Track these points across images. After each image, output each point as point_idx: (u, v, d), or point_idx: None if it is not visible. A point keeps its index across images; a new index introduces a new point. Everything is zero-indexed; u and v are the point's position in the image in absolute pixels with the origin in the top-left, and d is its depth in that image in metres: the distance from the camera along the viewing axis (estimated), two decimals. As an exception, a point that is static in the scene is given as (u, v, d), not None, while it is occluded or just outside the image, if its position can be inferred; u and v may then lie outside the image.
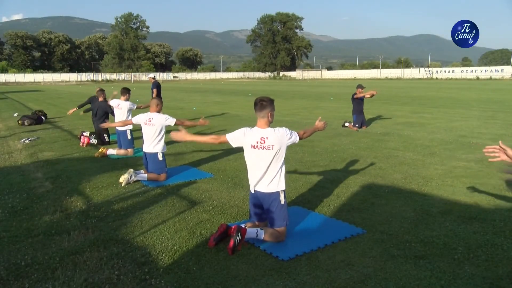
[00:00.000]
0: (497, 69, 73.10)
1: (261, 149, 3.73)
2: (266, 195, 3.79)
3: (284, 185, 3.83)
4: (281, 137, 3.73)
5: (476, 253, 3.54)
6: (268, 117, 3.76)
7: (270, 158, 3.72)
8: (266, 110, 3.74)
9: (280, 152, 3.74)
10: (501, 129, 10.99)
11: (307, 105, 20.07)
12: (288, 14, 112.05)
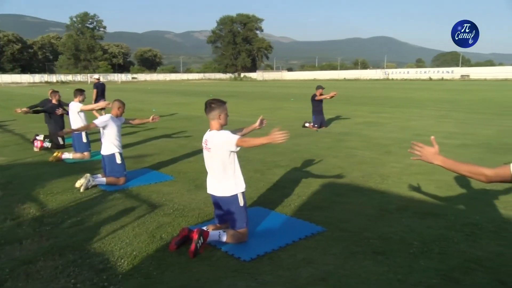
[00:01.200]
0: (448, 70, 76.50)
1: (205, 150, 3.80)
2: (223, 199, 3.79)
3: (241, 187, 3.82)
4: (220, 140, 3.67)
5: (430, 247, 3.68)
6: (218, 119, 3.75)
7: (214, 160, 3.74)
8: (215, 112, 3.73)
9: (222, 155, 3.68)
10: (453, 127, 11.51)
11: (269, 105, 20.20)
12: (248, 16, 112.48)
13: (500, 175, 2.06)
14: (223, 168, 3.74)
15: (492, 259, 3.43)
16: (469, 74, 72.37)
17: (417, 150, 2.41)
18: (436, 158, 2.34)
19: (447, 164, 2.29)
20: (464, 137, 9.69)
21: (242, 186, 3.82)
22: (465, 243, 3.76)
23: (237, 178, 3.80)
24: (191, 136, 10.35)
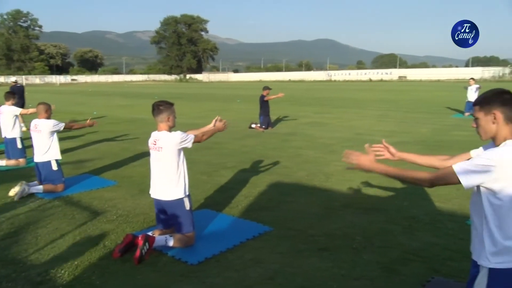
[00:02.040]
0: (387, 72, 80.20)
1: (154, 150, 3.72)
2: (169, 203, 3.72)
3: (187, 190, 3.78)
4: (172, 140, 3.63)
5: (372, 241, 3.83)
6: (166, 121, 3.69)
7: (160, 160, 3.68)
8: (164, 114, 3.67)
9: (171, 155, 3.65)
10: (392, 126, 12.09)
11: (216, 107, 20.13)
12: (192, 16, 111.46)
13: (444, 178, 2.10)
14: (172, 169, 3.67)
15: (428, 249, 3.64)
16: (406, 75, 76.36)
17: (353, 159, 2.33)
18: (374, 166, 2.30)
19: (386, 171, 2.25)
20: (402, 135, 10.21)
21: (188, 189, 3.78)
22: (403, 235, 3.96)
23: (184, 180, 3.76)
24: (135, 139, 10.08)
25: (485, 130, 2.14)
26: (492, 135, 2.14)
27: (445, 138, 9.67)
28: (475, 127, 2.21)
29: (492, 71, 66.83)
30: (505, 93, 2.11)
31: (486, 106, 2.12)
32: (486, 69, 69.43)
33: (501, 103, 2.09)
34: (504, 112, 2.08)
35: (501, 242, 2.08)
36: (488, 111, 2.11)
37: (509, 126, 2.10)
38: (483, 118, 2.14)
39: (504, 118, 2.09)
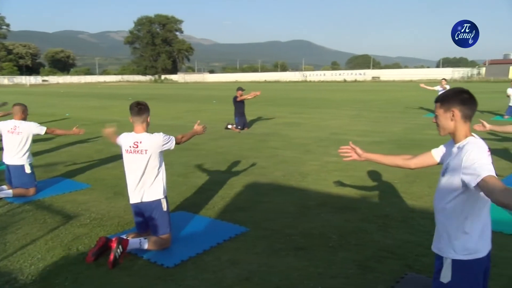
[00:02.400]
0: (361, 73, 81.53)
1: (134, 153, 3.63)
2: (147, 204, 3.67)
3: (165, 191, 3.74)
4: (155, 142, 3.63)
5: (347, 239, 3.88)
6: (147, 122, 3.67)
7: (144, 164, 3.62)
8: (145, 114, 3.64)
9: (155, 157, 3.64)
10: (366, 126, 12.28)
11: (191, 108, 20.00)
12: (167, 17, 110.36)
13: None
14: (154, 172, 3.64)
15: (401, 246, 3.72)
16: (380, 76, 77.80)
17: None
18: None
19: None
20: (376, 135, 10.39)
21: (165, 191, 3.75)
22: (378, 233, 4.03)
23: (163, 182, 3.72)
24: (108, 141, 9.86)
25: (444, 127, 2.25)
26: (450, 132, 2.24)
27: (417, 137, 9.90)
28: (435, 123, 2.31)
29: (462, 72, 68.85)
30: (465, 93, 2.20)
31: (446, 104, 2.22)
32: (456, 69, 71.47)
33: (460, 101, 2.18)
34: (462, 110, 2.18)
35: (463, 235, 2.17)
36: (448, 108, 2.21)
37: (467, 124, 2.20)
38: (442, 115, 2.24)
39: (462, 116, 2.18)
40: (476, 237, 2.18)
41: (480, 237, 2.20)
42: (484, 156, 2.06)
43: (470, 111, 2.19)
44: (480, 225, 2.19)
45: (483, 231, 2.21)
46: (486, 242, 2.24)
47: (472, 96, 2.21)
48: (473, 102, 2.20)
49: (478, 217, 2.17)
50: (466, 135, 2.20)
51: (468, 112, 2.19)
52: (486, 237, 2.24)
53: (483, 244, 2.21)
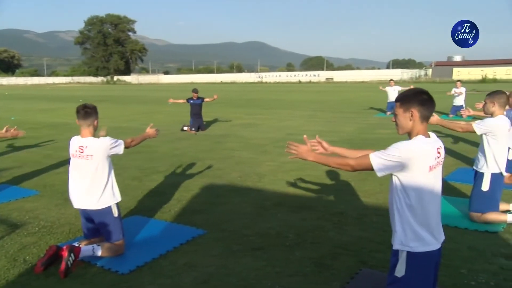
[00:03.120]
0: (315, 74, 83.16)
1: (79, 158, 3.51)
2: (97, 212, 3.53)
3: (115, 197, 3.62)
4: (101, 147, 3.49)
5: (304, 238, 3.94)
6: (93, 125, 3.53)
7: (89, 169, 3.48)
8: (91, 118, 3.51)
9: (101, 162, 3.50)
10: (321, 126, 12.54)
11: (146, 110, 19.58)
12: (119, 16, 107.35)
13: (362, 164, 2.34)
14: (101, 178, 3.50)
15: (355, 242, 3.82)
16: (333, 77, 79.69)
17: (293, 149, 2.60)
18: (310, 154, 2.57)
19: (318, 159, 2.55)
20: (330, 135, 10.62)
21: (117, 196, 3.62)
22: (333, 231, 4.12)
23: (113, 188, 3.60)
24: (58, 145, 9.49)
25: (402, 126, 2.35)
26: (408, 131, 2.34)
27: (369, 136, 10.23)
28: (394, 122, 2.40)
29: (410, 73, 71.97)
30: (424, 94, 2.31)
31: (406, 104, 2.31)
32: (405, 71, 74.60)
33: (419, 102, 2.28)
34: (420, 111, 2.28)
35: (414, 227, 2.28)
36: (407, 108, 2.30)
37: (424, 124, 2.31)
38: (401, 115, 2.33)
39: (420, 117, 2.28)
40: (424, 231, 2.28)
41: (430, 231, 2.31)
42: (393, 150, 2.23)
43: (428, 112, 2.30)
44: (427, 218, 2.30)
45: (431, 224, 2.32)
46: (436, 235, 2.35)
47: (430, 97, 2.31)
48: (431, 103, 2.31)
49: (423, 210, 2.28)
50: (418, 133, 2.30)
51: (426, 113, 2.29)
52: (436, 230, 2.35)
53: (433, 237, 2.32)
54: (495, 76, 57.11)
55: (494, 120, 4.11)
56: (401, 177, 2.26)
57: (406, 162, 2.20)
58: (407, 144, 2.26)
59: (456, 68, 66.69)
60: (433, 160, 2.26)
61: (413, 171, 2.22)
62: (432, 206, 2.31)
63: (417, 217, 2.28)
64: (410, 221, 2.28)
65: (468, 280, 3.09)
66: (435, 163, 2.27)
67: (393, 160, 2.22)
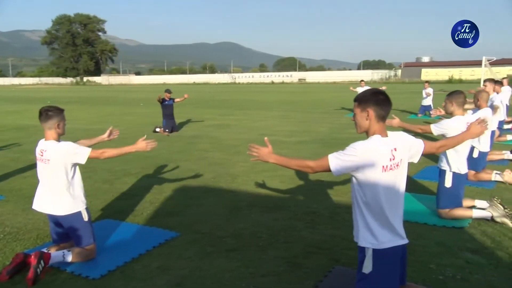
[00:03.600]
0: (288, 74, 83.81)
1: (40, 162, 3.42)
2: (64, 217, 3.44)
3: (84, 202, 3.53)
4: (60, 152, 3.36)
5: (277, 238, 3.97)
6: (56, 128, 3.42)
7: (49, 174, 3.38)
8: (53, 120, 3.39)
9: (60, 167, 3.36)
10: (293, 126, 12.64)
11: (117, 111, 19.23)
12: (88, 16, 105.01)
13: (321, 165, 2.40)
14: (63, 183, 3.40)
15: (328, 241, 3.87)
16: (305, 77, 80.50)
17: (254, 151, 2.62)
18: (271, 156, 2.59)
19: (279, 161, 2.58)
20: (303, 135, 10.74)
21: (83, 202, 3.52)
22: (306, 230, 4.16)
23: (79, 192, 3.50)
24: (25, 148, 9.20)
25: (360, 125, 2.42)
26: (365, 130, 2.42)
27: (340, 136, 10.38)
28: (353, 121, 2.47)
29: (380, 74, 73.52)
30: (380, 94, 2.38)
31: (363, 104, 2.38)
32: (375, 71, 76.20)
33: (375, 102, 2.35)
34: (376, 111, 2.35)
35: (374, 225, 2.35)
36: (364, 108, 2.37)
37: (380, 124, 2.38)
38: (359, 114, 2.41)
39: (376, 116, 2.35)
40: (385, 228, 2.36)
41: (390, 227, 2.38)
42: (349, 149, 2.30)
43: (384, 112, 2.36)
44: (387, 216, 2.37)
45: (391, 221, 2.38)
46: (399, 231, 2.42)
47: (387, 97, 2.38)
48: (387, 103, 2.37)
49: (381, 209, 2.35)
50: (374, 133, 2.37)
51: (382, 113, 2.35)
52: (398, 227, 2.42)
53: (395, 234, 2.39)
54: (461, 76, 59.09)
55: (450, 122, 4.27)
56: (357, 176, 2.34)
57: (361, 161, 2.28)
58: (362, 143, 2.33)
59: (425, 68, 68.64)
60: (387, 160, 2.31)
61: (366, 170, 2.30)
62: (390, 205, 2.37)
63: (376, 215, 2.35)
64: (369, 218, 2.36)
65: (436, 275, 3.18)
66: (389, 164, 2.32)
67: (349, 159, 2.29)
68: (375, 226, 2.35)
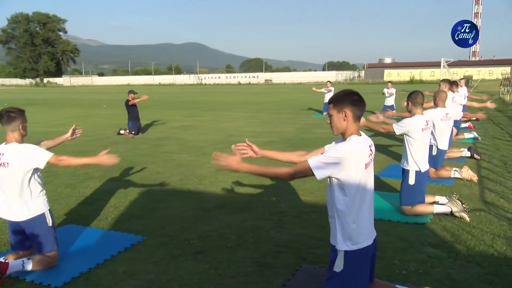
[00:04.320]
0: (254, 75, 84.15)
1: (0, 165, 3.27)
2: (26, 222, 3.30)
3: (46, 205, 3.40)
4: (18, 155, 3.23)
5: (245, 238, 3.97)
6: (19, 130, 3.30)
7: (11, 177, 3.25)
8: (16, 122, 3.26)
9: (19, 172, 3.23)
10: (260, 127, 12.69)
11: (79, 113, 18.68)
12: (48, 15, 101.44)
13: (301, 171, 2.33)
14: (23, 187, 3.26)
15: (296, 240, 3.91)
16: (272, 78, 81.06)
17: (221, 160, 2.45)
18: (241, 166, 2.44)
19: (252, 169, 2.46)
20: (270, 135, 10.80)
21: (46, 205, 3.40)
22: (274, 230, 4.18)
23: (41, 197, 3.37)
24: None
25: (337, 126, 2.43)
26: (342, 131, 2.43)
27: (307, 136, 10.51)
28: (329, 123, 2.49)
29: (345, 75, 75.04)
30: (355, 94, 2.41)
31: (339, 105, 2.40)
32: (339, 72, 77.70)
33: (351, 103, 2.38)
34: (353, 111, 2.38)
35: (351, 226, 2.37)
36: (340, 109, 2.39)
37: (357, 124, 2.41)
38: (336, 115, 2.42)
39: (353, 116, 2.38)
40: (360, 228, 2.39)
41: (365, 227, 2.42)
42: (331, 152, 2.30)
43: (360, 112, 2.40)
44: (363, 215, 2.40)
45: (366, 220, 2.43)
46: (371, 231, 2.47)
47: (361, 97, 2.42)
48: (362, 103, 2.42)
49: (359, 208, 2.39)
50: (352, 133, 2.40)
51: (358, 113, 2.39)
52: (370, 226, 2.47)
53: (367, 234, 2.44)
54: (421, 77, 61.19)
55: (410, 120, 4.43)
56: (339, 177, 2.32)
57: (344, 162, 2.27)
58: (344, 145, 2.34)
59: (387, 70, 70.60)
60: (367, 157, 2.37)
61: (350, 170, 2.30)
62: (366, 203, 2.42)
63: (353, 215, 2.37)
64: (347, 219, 2.37)
65: (400, 270, 3.27)
66: (369, 160, 2.39)
67: (332, 162, 2.27)
68: (352, 229, 2.35)
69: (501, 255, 3.51)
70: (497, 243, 3.74)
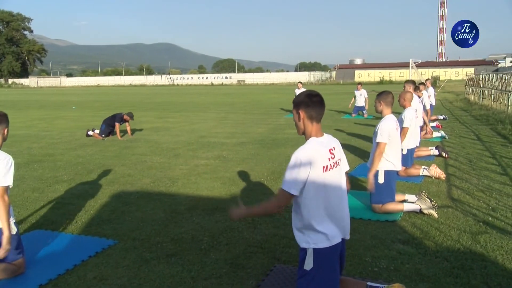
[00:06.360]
0: (227, 76, 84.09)
1: None
2: None
3: (11, 214, 3.28)
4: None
5: (218, 240, 3.95)
6: (3, 135, 3.20)
7: None
8: (2, 126, 3.18)
9: None
10: (232, 128, 12.66)
11: (46, 115, 18.13)
12: (11, 13, 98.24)
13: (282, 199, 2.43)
14: None
15: (269, 240, 3.92)
16: (244, 79, 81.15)
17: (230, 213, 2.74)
18: (243, 213, 2.74)
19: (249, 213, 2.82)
20: (242, 136, 10.79)
21: (11, 213, 3.28)
22: (247, 230, 4.18)
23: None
24: None
25: (297, 127, 2.52)
26: (302, 131, 2.50)
27: (279, 137, 10.57)
28: None
29: (317, 75, 75.93)
30: (313, 96, 2.45)
31: (296, 106, 2.48)
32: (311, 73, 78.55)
33: (306, 104, 2.43)
34: (307, 112, 2.42)
35: (314, 225, 2.42)
36: (296, 110, 2.46)
37: (314, 125, 2.45)
38: (295, 116, 2.50)
39: (307, 117, 2.43)
40: (325, 227, 2.42)
41: (330, 226, 2.45)
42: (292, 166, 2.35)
43: (315, 113, 2.43)
44: (327, 215, 2.44)
45: (332, 220, 2.46)
46: (340, 229, 2.51)
47: (319, 99, 2.45)
48: (317, 104, 2.44)
49: (321, 208, 2.42)
50: (310, 135, 2.45)
51: (313, 114, 2.42)
52: (339, 225, 2.50)
53: (336, 232, 2.47)
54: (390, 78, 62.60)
55: (387, 125, 4.50)
56: None
57: (306, 166, 2.33)
58: (301, 150, 2.39)
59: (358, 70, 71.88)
60: (326, 160, 2.40)
61: (309, 172, 2.34)
62: (333, 203, 2.45)
63: (316, 215, 2.41)
64: (309, 219, 2.41)
65: (372, 267, 3.34)
66: (329, 163, 2.41)
67: (298, 168, 2.32)
68: (316, 227, 2.40)
69: (466, 249, 3.63)
70: (463, 238, 3.86)
